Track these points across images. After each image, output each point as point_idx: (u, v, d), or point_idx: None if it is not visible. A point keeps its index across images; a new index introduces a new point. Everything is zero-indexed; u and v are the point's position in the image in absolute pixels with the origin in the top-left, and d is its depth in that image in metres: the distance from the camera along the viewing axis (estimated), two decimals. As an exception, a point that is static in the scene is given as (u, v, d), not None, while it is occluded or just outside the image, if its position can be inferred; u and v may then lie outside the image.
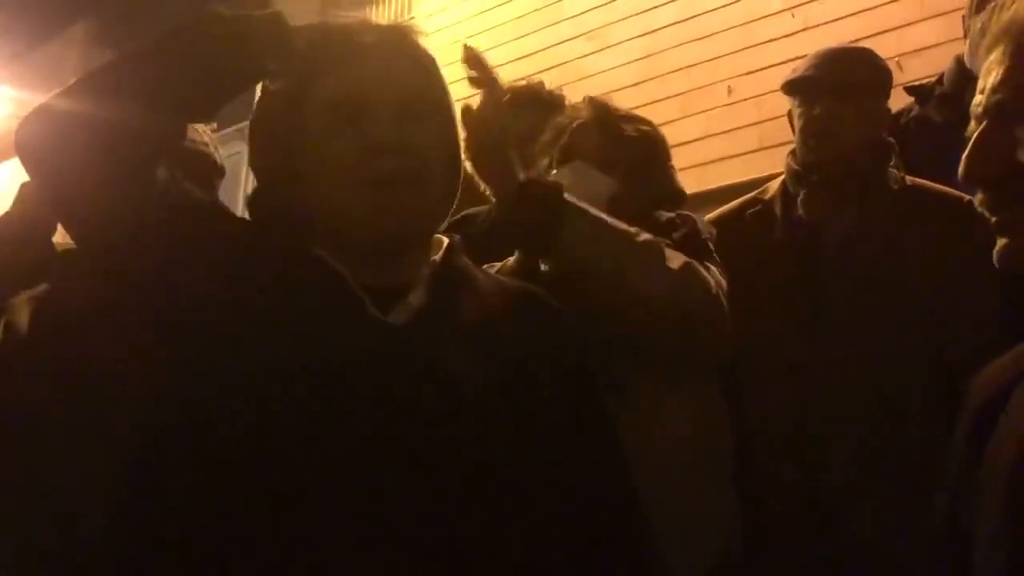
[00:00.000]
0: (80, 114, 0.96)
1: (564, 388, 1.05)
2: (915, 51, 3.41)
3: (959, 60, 2.14)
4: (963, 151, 0.91)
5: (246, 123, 4.79)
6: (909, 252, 1.77)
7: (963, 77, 2.11)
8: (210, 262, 0.97)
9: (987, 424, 0.92)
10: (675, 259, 1.37)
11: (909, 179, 1.87)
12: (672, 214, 1.56)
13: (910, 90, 2.29)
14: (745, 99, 3.82)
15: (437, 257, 1.06)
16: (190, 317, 0.94)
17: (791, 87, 1.91)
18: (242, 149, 6.29)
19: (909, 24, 3.49)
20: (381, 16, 5.16)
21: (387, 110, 1.00)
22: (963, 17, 2.16)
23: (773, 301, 1.77)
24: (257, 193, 1.13)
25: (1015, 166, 0.82)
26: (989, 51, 0.87)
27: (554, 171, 1.55)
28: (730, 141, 3.77)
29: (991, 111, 0.84)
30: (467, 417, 0.95)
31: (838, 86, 1.84)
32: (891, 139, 1.93)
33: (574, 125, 1.58)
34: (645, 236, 1.37)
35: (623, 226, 1.35)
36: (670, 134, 4.27)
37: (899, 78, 3.46)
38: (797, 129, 1.90)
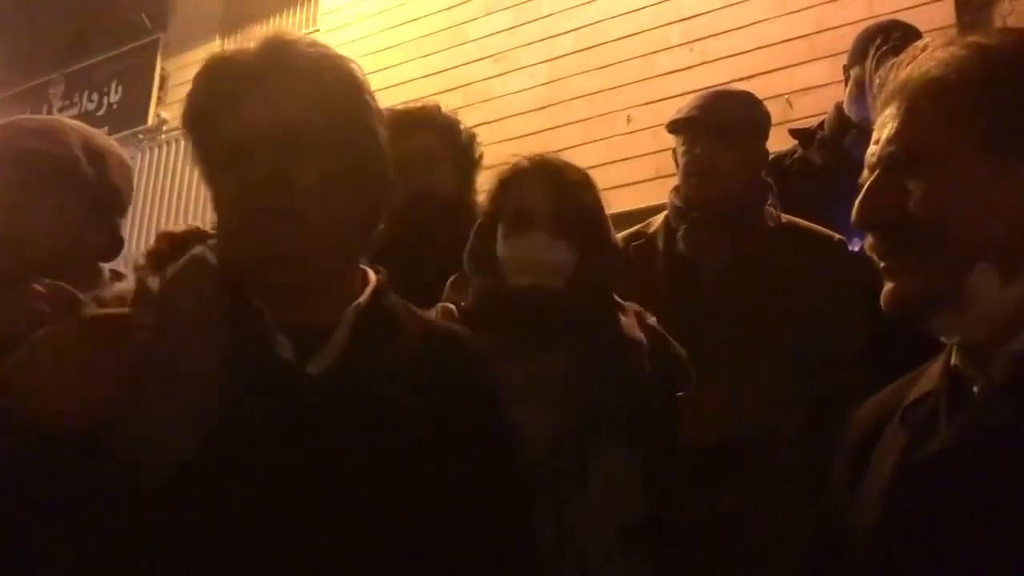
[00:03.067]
0: None
1: (476, 430, 1.08)
2: (804, 89, 3.58)
3: (839, 107, 2.28)
4: (846, 193, 0.98)
5: (142, 127, 4.73)
6: (781, 288, 1.86)
7: (841, 124, 2.26)
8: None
9: (862, 458, 1.00)
10: None
11: (784, 217, 1.97)
12: None
13: (793, 133, 2.42)
14: (644, 128, 3.94)
15: (363, 298, 1.08)
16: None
17: (675, 126, 2.00)
18: (136, 155, 6.06)
19: (800, 64, 3.66)
20: (287, 27, 5.13)
21: (269, 147, 1.02)
22: (844, 67, 2.31)
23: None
24: None
25: (903, 214, 0.88)
26: (885, 105, 0.94)
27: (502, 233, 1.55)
28: (628, 169, 3.89)
29: (884, 162, 0.91)
30: (378, 472, 0.98)
31: (720, 127, 1.94)
32: (768, 179, 2.04)
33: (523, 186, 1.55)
34: None
35: None
36: (571, 159, 4.36)
37: (789, 115, 3.68)
38: (680, 167, 1.99)
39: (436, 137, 1.92)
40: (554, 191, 1.54)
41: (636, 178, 3.89)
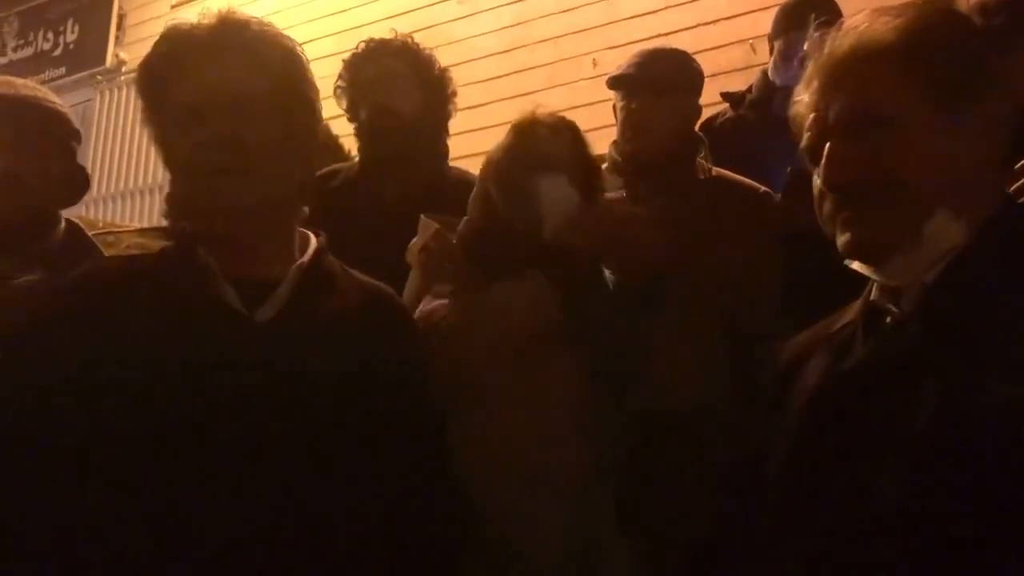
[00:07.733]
0: None
1: (401, 378, 1.28)
2: (767, 35, 3.82)
3: (765, 73, 2.59)
4: (773, 149, 1.18)
5: (100, 68, 5.02)
6: (710, 234, 2.11)
7: (768, 88, 2.58)
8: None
9: (790, 380, 1.20)
10: None
11: (715, 170, 2.21)
12: None
13: (725, 96, 2.70)
14: (609, 73, 4.16)
15: (306, 257, 1.27)
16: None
17: (613, 83, 2.24)
18: (94, 96, 6.22)
19: (762, 9, 3.86)
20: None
21: (221, 110, 1.21)
22: (768, 37, 2.60)
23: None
24: None
25: (870, 171, 1.04)
26: (826, 74, 1.08)
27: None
28: (593, 113, 4.03)
29: (842, 125, 1.05)
30: (319, 408, 1.16)
31: (654, 84, 2.16)
32: (700, 134, 2.29)
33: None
34: None
35: None
36: (536, 104, 4.53)
37: (752, 60, 3.91)
38: (618, 121, 2.24)
39: (404, 64, 2.18)
40: (570, 141, 1.79)
41: (601, 123, 4.06)
